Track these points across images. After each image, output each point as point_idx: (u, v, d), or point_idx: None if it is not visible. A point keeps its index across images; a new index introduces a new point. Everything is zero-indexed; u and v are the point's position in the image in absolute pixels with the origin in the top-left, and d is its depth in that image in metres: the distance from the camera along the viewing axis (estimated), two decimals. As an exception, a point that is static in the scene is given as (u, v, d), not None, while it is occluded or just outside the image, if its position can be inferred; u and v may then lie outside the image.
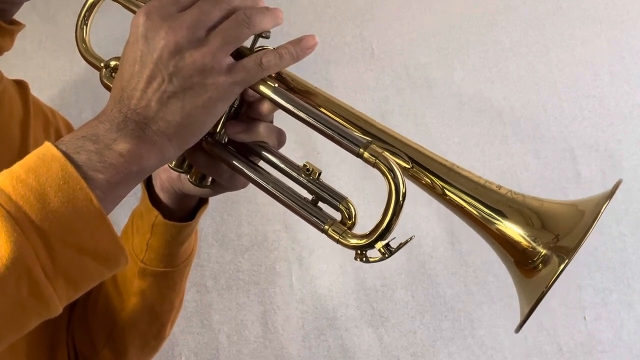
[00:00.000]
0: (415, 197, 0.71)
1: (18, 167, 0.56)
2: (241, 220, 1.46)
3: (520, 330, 0.65)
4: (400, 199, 0.60)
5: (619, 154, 1.44)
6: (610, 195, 0.63)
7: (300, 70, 0.68)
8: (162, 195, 0.81)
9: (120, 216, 0.89)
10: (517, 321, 0.67)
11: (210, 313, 1.44)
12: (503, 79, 1.48)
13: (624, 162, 1.44)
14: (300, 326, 1.43)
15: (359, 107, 1.54)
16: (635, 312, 1.40)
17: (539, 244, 0.63)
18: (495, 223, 0.65)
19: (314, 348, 1.43)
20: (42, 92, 1.45)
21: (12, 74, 0.88)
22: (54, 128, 0.91)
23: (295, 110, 0.64)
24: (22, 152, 0.82)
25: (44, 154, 0.56)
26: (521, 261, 0.64)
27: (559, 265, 0.60)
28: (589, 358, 1.40)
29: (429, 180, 0.67)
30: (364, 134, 0.68)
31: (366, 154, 0.62)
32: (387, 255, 0.62)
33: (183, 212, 0.82)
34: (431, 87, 1.48)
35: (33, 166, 0.55)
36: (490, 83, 1.48)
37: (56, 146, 0.57)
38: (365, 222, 0.71)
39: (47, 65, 1.50)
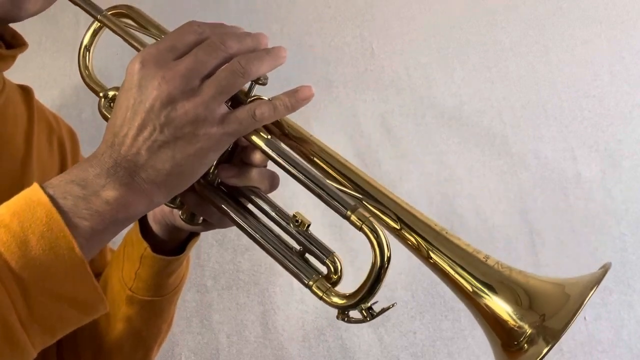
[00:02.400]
0: (415, 197, 0.71)
1: (4, 209, 0.56)
2: (241, 220, 1.46)
3: None
4: (385, 263, 0.60)
5: (619, 154, 1.44)
6: (598, 281, 0.61)
7: (301, 71, 0.68)
8: (154, 227, 0.81)
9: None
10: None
11: (210, 313, 1.44)
12: (503, 79, 1.48)
13: (624, 162, 1.44)
14: (300, 326, 1.43)
15: (359, 107, 1.55)
16: (635, 312, 1.40)
17: (525, 323, 0.62)
18: (483, 297, 0.65)
19: (314, 348, 1.42)
20: (42, 92, 1.44)
21: (11, 75, 0.88)
22: (57, 136, 0.91)
23: (286, 165, 0.63)
24: (26, 161, 0.82)
25: (31, 198, 0.56)
26: (507, 343, 0.63)
27: (544, 348, 0.60)
28: (589, 358, 1.40)
29: (415, 243, 0.66)
30: (355, 189, 0.67)
31: (353, 217, 0.61)
32: (368, 319, 0.63)
33: (174, 243, 0.82)
34: (431, 87, 1.48)
35: (18, 210, 0.55)
36: (490, 83, 1.47)
37: (44, 189, 0.56)
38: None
39: (47, 66, 1.50)
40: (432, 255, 0.66)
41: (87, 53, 0.80)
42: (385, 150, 1.47)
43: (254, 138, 0.64)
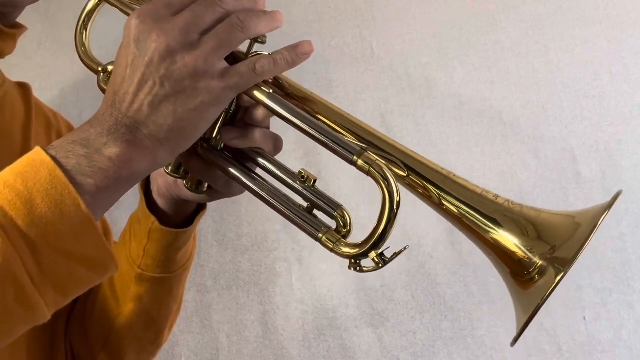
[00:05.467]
0: (415, 197, 0.71)
1: (7, 172, 0.56)
2: (241, 220, 1.46)
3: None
4: (395, 207, 0.59)
5: (619, 154, 1.44)
6: (608, 206, 0.61)
7: (301, 71, 0.68)
8: (160, 201, 0.81)
9: (120, 217, 0.89)
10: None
11: (210, 313, 1.44)
12: (503, 79, 1.48)
13: (624, 162, 1.44)
14: (300, 326, 1.43)
15: (359, 107, 1.55)
16: (635, 312, 1.40)
17: (535, 255, 0.62)
18: (490, 232, 0.64)
19: (314, 348, 1.42)
20: (43, 92, 1.45)
21: (12, 74, 0.88)
22: (55, 131, 0.91)
23: (290, 117, 0.63)
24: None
25: (34, 159, 0.56)
26: (517, 272, 0.63)
27: (556, 277, 0.59)
28: (589, 358, 1.40)
29: (425, 189, 0.66)
30: (360, 141, 0.67)
31: (360, 162, 0.61)
32: (381, 265, 0.61)
33: (181, 217, 0.82)
34: (431, 87, 1.48)
35: (22, 171, 0.55)
36: (490, 83, 1.47)
37: (46, 151, 0.56)
38: (366, 223, 0.71)
39: (47, 65, 1.50)
40: (443, 200, 0.66)
41: (85, 31, 0.80)
42: (385, 150, 1.46)
43: (256, 93, 0.63)
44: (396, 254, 0.61)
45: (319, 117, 0.68)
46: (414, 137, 1.47)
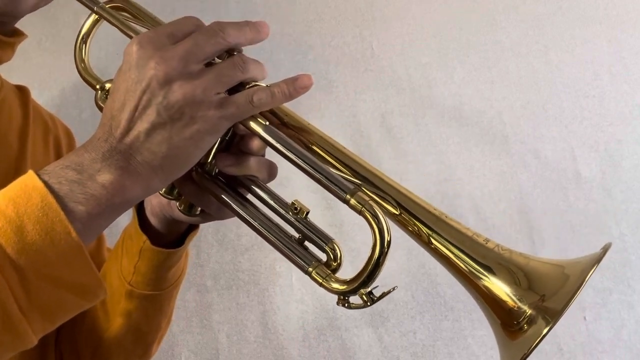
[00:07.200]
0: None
1: (0, 196, 0.55)
2: (241, 220, 1.46)
3: None
4: (385, 247, 0.59)
5: (619, 154, 1.44)
6: (597, 261, 0.62)
7: (301, 71, 0.68)
8: (152, 220, 0.80)
9: (121, 218, 0.88)
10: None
11: (210, 313, 1.44)
12: (503, 79, 1.48)
13: (624, 162, 1.44)
14: (300, 326, 1.43)
15: (359, 107, 1.55)
16: (635, 312, 1.40)
17: (525, 304, 0.62)
18: (482, 279, 0.64)
19: (314, 348, 1.42)
20: (42, 92, 1.45)
21: (11, 75, 0.88)
22: (53, 135, 0.91)
23: (285, 151, 0.63)
24: (20, 160, 0.82)
25: (26, 184, 0.56)
26: (507, 322, 0.63)
27: (545, 327, 0.59)
28: (589, 358, 1.40)
29: (415, 228, 0.66)
30: (355, 176, 0.67)
31: (352, 201, 0.61)
32: (369, 303, 0.62)
33: (173, 236, 0.82)
34: (431, 87, 1.48)
35: (13, 196, 0.55)
36: (490, 83, 1.48)
37: (39, 175, 0.56)
38: (365, 224, 0.71)
39: (47, 66, 1.50)
40: (432, 240, 0.65)
41: (84, 46, 0.79)
42: (385, 150, 1.47)
43: (252, 124, 0.63)
44: (385, 294, 0.62)
45: (314, 147, 0.68)
46: (414, 137, 1.47)
